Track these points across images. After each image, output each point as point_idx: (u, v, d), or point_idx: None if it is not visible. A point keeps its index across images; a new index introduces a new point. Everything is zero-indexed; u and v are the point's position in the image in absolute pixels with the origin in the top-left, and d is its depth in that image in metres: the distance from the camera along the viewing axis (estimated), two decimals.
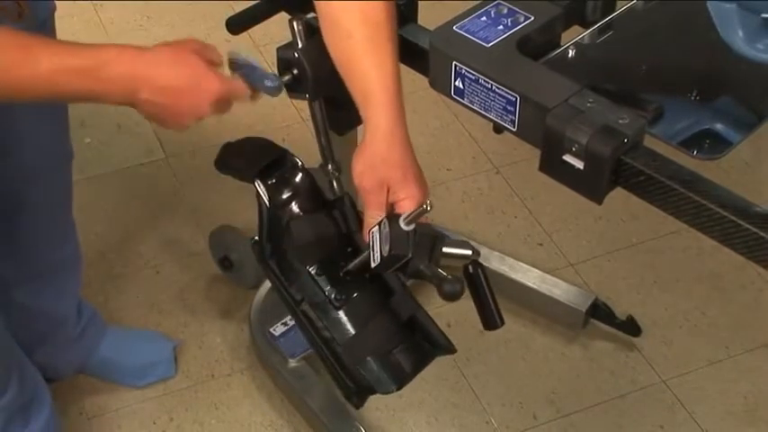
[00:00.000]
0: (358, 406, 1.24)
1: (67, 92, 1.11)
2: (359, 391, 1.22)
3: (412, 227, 1.12)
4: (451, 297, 1.10)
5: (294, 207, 1.26)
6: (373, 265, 1.13)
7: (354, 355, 1.19)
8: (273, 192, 1.26)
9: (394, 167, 1.17)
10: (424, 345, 1.23)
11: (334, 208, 1.27)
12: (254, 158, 1.28)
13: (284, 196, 1.26)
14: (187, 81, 1.14)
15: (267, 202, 1.26)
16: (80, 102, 1.17)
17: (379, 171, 1.17)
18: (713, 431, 1.88)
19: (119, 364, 1.90)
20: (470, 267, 1.19)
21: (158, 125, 1.17)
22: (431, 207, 1.11)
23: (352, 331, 1.20)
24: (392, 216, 1.13)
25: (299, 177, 1.27)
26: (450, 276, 1.10)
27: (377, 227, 1.14)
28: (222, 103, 1.17)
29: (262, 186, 1.25)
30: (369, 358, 1.19)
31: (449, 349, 1.24)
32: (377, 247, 1.13)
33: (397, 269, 1.15)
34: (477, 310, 1.21)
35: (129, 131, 2.42)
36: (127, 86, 1.10)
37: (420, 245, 1.12)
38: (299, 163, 1.29)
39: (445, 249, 1.17)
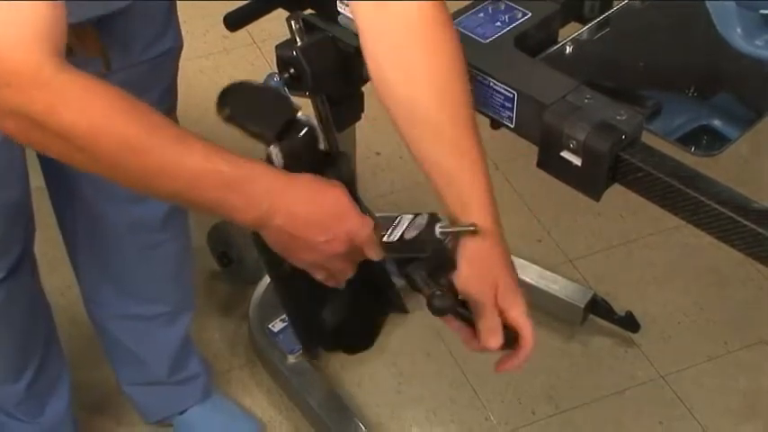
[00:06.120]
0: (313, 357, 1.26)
1: (202, 195, 0.99)
2: (314, 345, 1.28)
3: (445, 237, 1.11)
4: (439, 312, 1.09)
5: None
6: (386, 239, 1.11)
7: (310, 315, 1.21)
8: (289, 159, 1.09)
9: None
10: (378, 305, 1.24)
11: (333, 165, 1.19)
12: (270, 116, 1.10)
13: (297, 162, 1.13)
14: (323, 214, 1.03)
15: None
16: (202, 211, 1.04)
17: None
18: (712, 427, 1.88)
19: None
20: None
21: (282, 254, 1.07)
22: (478, 229, 1.10)
23: (313, 296, 1.19)
24: (434, 217, 1.13)
25: (310, 139, 1.11)
26: (440, 292, 1.07)
27: (412, 214, 1.13)
28: (354, 251, 1.06)
29: (279, 153, 1.08)
30: (323, 317, 1.20)
31: (401, 308, 1.24)
32: (399, 229, 1.11)
33: (399, 262, 1.14)
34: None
35: None
36: (264, 207, 1.00)
37: (432, 257, 1.12)
38: (307, 119, 1.12)
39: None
